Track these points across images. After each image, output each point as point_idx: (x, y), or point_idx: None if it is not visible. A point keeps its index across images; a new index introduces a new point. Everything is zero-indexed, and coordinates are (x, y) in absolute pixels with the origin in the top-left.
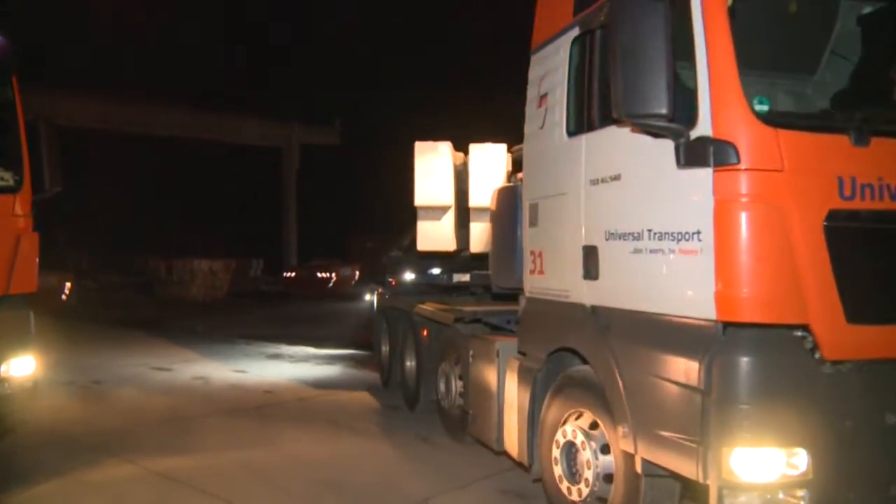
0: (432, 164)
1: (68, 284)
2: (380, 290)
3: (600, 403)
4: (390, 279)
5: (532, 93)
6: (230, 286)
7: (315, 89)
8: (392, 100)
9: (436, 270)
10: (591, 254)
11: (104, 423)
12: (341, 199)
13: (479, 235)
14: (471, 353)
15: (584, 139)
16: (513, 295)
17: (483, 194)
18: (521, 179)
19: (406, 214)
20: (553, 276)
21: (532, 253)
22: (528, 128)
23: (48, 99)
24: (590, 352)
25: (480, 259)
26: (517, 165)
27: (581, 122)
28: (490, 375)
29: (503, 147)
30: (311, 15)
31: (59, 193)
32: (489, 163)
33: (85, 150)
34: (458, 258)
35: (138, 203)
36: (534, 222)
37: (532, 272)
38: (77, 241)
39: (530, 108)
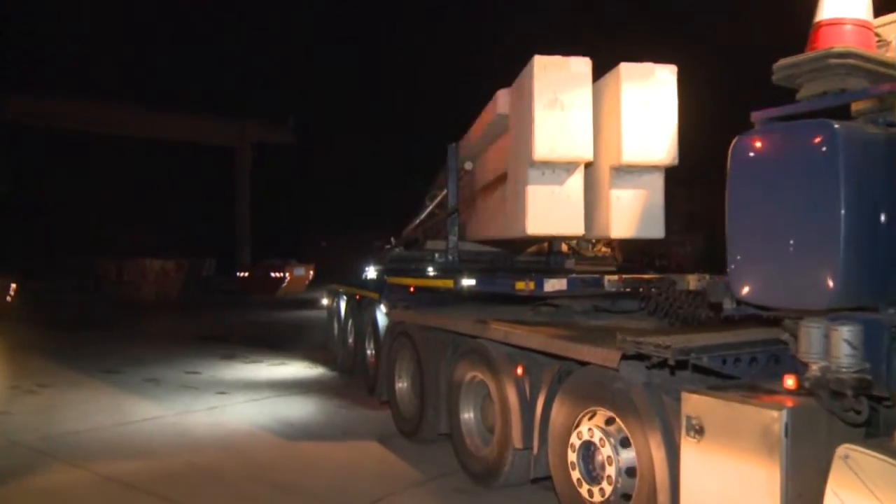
0: (562, 94)
1: (13, 286)
2: (342, 289)
3: None
4: (409, 285)
5: None
6: (182, 286)
7: (269, 88)
8: (346, 98)
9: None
10: None
11: (51, 428)
12: (295, 199)
13: (629, 211)
14: (687, 420)
15: None
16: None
17: (644, 145)
18: (757, 120)
19: (367, 211)
20: None
21: None
22: None
23: None
24: None
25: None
26: (785, 95)
27: None
28: (756, 469)
29: (673, 70)
30: (263, 12)
31: (5, 193)
32: (654, 96)
33: (33, 150)
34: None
35: (88, 202)
36: None
37: None
38: (23, 241)
39: None
